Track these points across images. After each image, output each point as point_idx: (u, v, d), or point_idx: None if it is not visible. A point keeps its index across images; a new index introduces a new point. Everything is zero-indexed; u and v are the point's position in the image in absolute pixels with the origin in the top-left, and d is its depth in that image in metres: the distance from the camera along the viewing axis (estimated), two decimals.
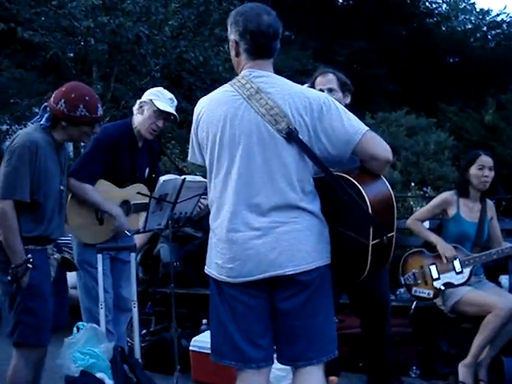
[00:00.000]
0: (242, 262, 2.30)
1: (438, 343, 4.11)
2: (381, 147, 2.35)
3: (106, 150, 3.44)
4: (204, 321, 4.58)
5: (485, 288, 3.89)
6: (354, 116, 2.36)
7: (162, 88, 3.67)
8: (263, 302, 2.37)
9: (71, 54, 10.55)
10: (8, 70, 11.28)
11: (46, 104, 3.02)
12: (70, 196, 3.42)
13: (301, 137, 2.26)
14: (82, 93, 2.98)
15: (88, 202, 3.43)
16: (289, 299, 2.32)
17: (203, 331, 4.34)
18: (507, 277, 4.36)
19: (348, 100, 3.45)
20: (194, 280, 5.03)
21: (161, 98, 3.53)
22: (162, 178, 3.35)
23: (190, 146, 2.53)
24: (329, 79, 3.40)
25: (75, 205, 3.43)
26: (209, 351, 3.84)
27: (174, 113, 3.56)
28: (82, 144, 10.24)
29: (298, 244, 2.27)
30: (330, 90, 3.35)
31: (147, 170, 3.70)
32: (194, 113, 2.48)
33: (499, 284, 4.36)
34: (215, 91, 2.47)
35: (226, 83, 2.45)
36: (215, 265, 2.39)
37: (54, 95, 3.00)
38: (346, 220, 2.35)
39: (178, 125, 11.74)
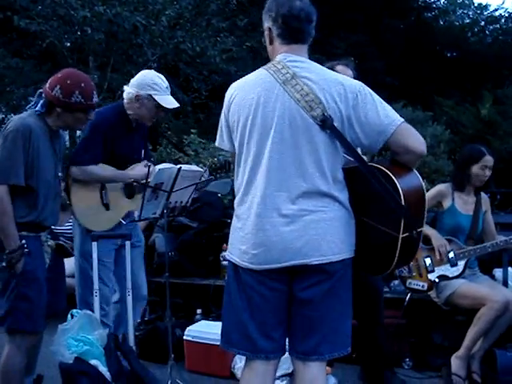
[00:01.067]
0: (267, 248, 2.28)
1: (431, 335, 4.12)
2: (416, 139, 2.27)
3: (104, 133, 3.43)
4: (198, 310, 4.59)
5: (479, 281, 3.91)
6: (390, 107, 2.30)
7: (155, 76, 3.56)
8: (280, 295, 2.34)
9: (68, 44, 10.51)
10: (4, 59, 11.22)
11: (41, 90, 3.01)
12: (71, 186, 3.42)
13: (335, 124, 2.24)
14: (78, 79, 2.97)
15: (98, 180, 3.43)
16: (309, 289, 2.29)
17: (197, 321, 4.36)
18: (501, 270, 4.37)
19: None
20: (189, 270, 5.03)
21: (160, 92, 3.48)
22: (158, 167, 3.34)
23: (219, 131, 2.48)
24: (351, 74, 3.40)
25: (79, 192, 3.43)
26: (202, 341, 3.92)
27: (177, 105, 3.54)
28: (78, 134, 10.24)
29: (325, 234, 2.24)
30: None
31: (143, 152, 3.70)
32: (226, 96, 2.44)
33: (493, 277, 4.37)
34: (249, 75, 2.43)
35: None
36: (238, 250, 2.36)
37: (49, 81, 2.98)
38: (375, 212, 2.30)
39: (175, 115, 11.73)
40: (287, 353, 2.49)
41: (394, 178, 2.20)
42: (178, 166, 3.40)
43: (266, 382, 2.40)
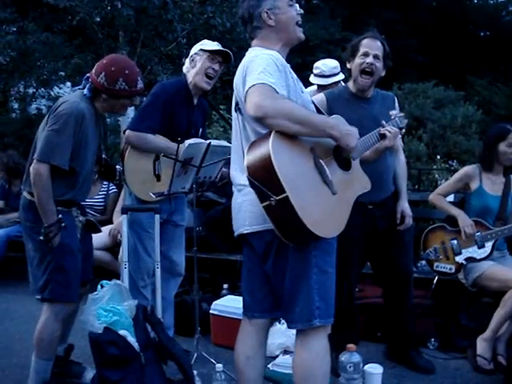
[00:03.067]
0: (232, 217, 2.57)
1: (457, 316, 4.10)
2: (251, 103, 2.24)
3: (164, 104, 3.46)
4: (225, 285, 4.62)
5: (507, 263, 3.85)
6: (261, 73, 2.27)
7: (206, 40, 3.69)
8: (253, 262, 2.57)
9: (98, 19, 10.52)
10: (34, 34, 11.30)
11: (88, 74, 3.06)
12: (127, 153, 3.45)
13: (243, 111, 2.38)
14: (122, 66, 3.00)
15: (150, 149, 3.45)
16: (266, 261, 2.49)
17: (223, 295, 4.40)
18: None
19: (383, 73, 3.43)
20: (216, 245, 5.06)
21: (208, 44, 3.55)
22: (188, 142, 3.35)
23: None
24: (377, 45, 3.36)
25: (133, 161, 3.46)
26: (228, 315, 3.96)
27: (227, 50, 3.56)
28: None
29: (250, 206, 2.39)
30: (376, 57, 3.32)
31: (201, 130, 3.72)
32: None
33: None
34: None
35: None
36: None
37: (95, 67, 3.04)
38: None
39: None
40: None
41: (247, 148, 2.29)
42: (208, 141, 3.41)
43: (248, 340, 2.60)
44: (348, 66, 3.48)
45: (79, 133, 2.93)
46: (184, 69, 3.65)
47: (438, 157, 8.79)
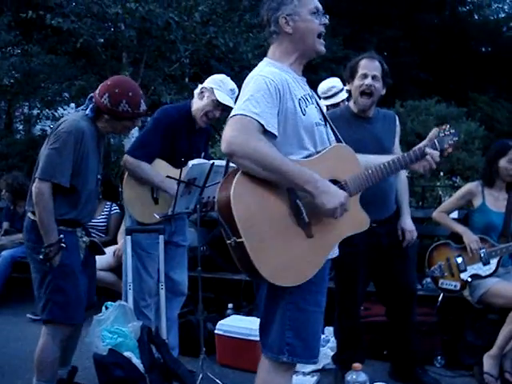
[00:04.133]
0: None
1: (463, 333, 4.08)
2: (224, 136, 2.09)
3: (165, 131, 3.49)
4: (229, 305, 4.62)
5: None
6: (249, 97, 2.13)
7: (225, 76, 3.65)
8: None
9: (101, 40, 10.61)
10: (39, 56, 11.41)
11: (91, 94, 3.09)
12: (126, 175, 3.51)
13: None
14: (126, 88, 3.04)
15: (144, 180, 3.49)
16: None
17: (228, 315, 4.39)
18: None
19: (384, 92, 3.44)
20: (220, 264, 5.06)
21: (222, 89, 3.54)
22: (191, 162, 3.37)
23: None
24: (375, 66, 3.38)
25: (132, 184, 3.51)
26: (233, 335, 3.94)
27: (230, 104, 3.50)
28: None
29: None
30: (374, 78, 3.34)
31: (203, 155, 3.73)
32: None
33: None
34: None
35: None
36: None
37: (99, 88, 3.07)
38: None
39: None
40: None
41: (220, 183, 2.17)
42: (211, 162, 3.43)
43: None
44: (347, 87, 3.50)
45: (79, 151, 2.95)
46: (195, 93, 3.66)
47: (442, 173, 8.79)
